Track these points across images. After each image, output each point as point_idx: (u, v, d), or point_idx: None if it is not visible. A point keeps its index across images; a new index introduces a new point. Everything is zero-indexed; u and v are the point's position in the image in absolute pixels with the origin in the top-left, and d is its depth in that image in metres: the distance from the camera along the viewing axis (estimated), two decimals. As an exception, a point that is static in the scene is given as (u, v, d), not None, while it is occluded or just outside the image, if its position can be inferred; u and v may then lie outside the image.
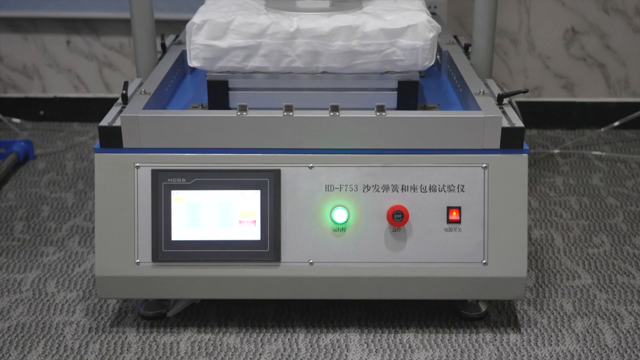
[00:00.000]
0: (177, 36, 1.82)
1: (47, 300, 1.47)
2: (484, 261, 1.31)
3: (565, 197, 1.87)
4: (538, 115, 2.28)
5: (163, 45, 1.72)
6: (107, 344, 1.34)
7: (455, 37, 1.82)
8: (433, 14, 2.03)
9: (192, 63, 1.38)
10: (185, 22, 1.45)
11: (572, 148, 2.15)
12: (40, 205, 1.84)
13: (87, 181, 1.97)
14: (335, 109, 1.29)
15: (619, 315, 1.41)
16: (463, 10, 2.18)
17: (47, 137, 2.26)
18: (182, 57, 1.66)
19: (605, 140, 2.21)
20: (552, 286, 1.50)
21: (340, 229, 1.31)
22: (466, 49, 1.70)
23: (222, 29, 1.36)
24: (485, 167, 1.30)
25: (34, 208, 1.83)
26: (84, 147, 2.18)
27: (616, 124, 2.17)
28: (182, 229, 1.31)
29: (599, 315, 1.42)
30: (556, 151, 2.13)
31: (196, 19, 1.36)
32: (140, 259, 1.31)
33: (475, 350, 1.32)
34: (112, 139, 1.30)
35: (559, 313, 1.42)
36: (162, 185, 1.30)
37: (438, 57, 1.71)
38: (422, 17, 1.37)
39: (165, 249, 1.31)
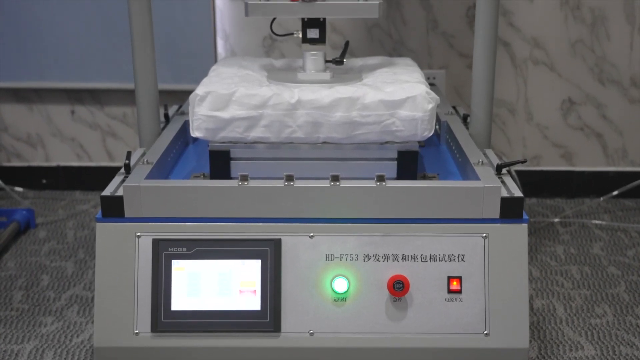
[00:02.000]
0: (180, 106, 1.85)
1: (44, 371, 1.45)
2: (486, 332, 1.30)
3: (566, 267, 1.87)
4: (537, 184, 2.29)
5: (166, 115, 1.74)
6: (104, 416, 1.31)
7: (454, 107, 1.84)
8: (432, 85, 2.06)
9: (195, 133, 1.40)
10: (189, 92, 1.47)
11: (572, 217, 2.15)
12: (39, 275, 1.83)
13: (87, 250, 1.97)
14: (335, 178, 1.30)
15: (624, 387, 1.39)
16: (461, 81, 2.22)
17: (48, 205, 2.26)
18: (185, 127, 1.69)
19: (605, 209, 2.21)
20: (555, 357, 1.49)
21: (341, 298, 1.31)
22: (465, 119, 1.72)
23: (224, 100, 1.38)
24: (485, 237, 1.30)
25: (33, 277, 1.82)
26: (85, 215, 2.19)
27: (615, 193, 2.18)
28: (182, 299, 1.30)
29: (604, 387, 1.40)
30: (556, 220, 2.13)
31: (199, 90, 1.39)
32: (140, 329, 1.30)
33: (478, 423, 1.29)
34: (114, 209, 1.30)
35: (563, 385, 1.40)
36: (163, 255, 1.30)
37: (437, 127, 1.73)
38: (420, 88, 1.39)
39: (165, 319, 1.30)
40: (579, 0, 2.13)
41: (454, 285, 1.30)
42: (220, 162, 1.42)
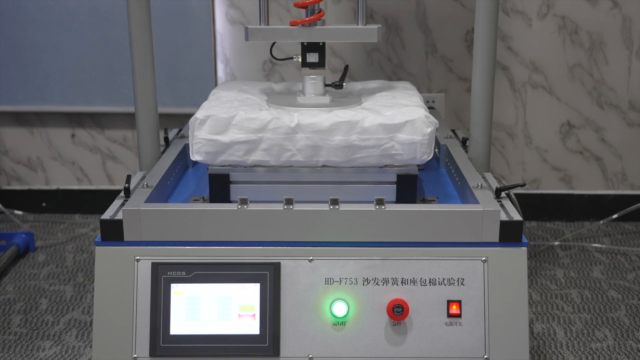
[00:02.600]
0: (180, 130, 1.85)
1: (42, 396, 1.44)
2: (486, 356, 1.29)
3: (566, 290, 1.86)
4: (537, 207, 2.29)
5: (166, 139, 1.75)
6: None
7: (453, 130, 1.85)
8: (431, 108, 2.07)
9: (195, 157, 1.40)
10: (189, 115, 1.48)
11: (572, 240, 2.15)
12: (38, 298, 1.83)
13: (86, 273, 1.96)
14: (335, 202, 1.31)
15: (625, 412, 1.38)
16: (460, 104, 2.23)
17: (48, 229, 2.26)
18: (185, 150, 1.69)
19: (605, 233, 2.21)
20: (556, 382, 1.48)
21: (340, 322, 1.30)
22: (464, 142, 1.73)
23: (224, 124, 1.38)
24: (485, 261, 1.30)
25: (32, 301, 1.81)
26: (85, 238, 2.19)
27: (615, 216, 2.18)
28: (181, 323, 1.30)
29: (605, 412, 1.39)
30: (556, 243, 2.13)
31: (199, 114, 1.40)
32: (138, 354, 1.29)
33: None
34: (113, 232, 1.30)
35: (564, 410, 1.39)
36: (162, 279, 1.30)
37: (436, 150, 1.74)
38: (419, 112, 1.40)
39: (163, 343, 1.29)
40: (577, 25, 2.15)
41: (454, 309, 1.30)
42: (219, 186, 1.42)
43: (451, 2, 2.15)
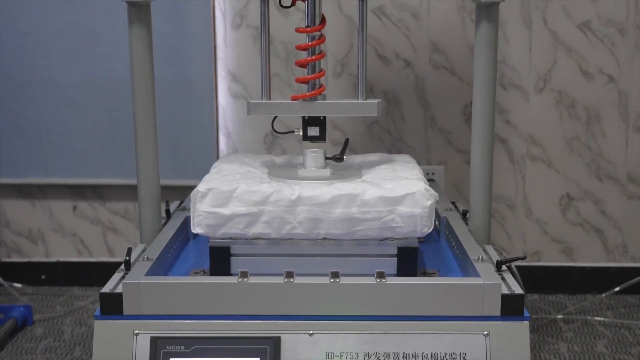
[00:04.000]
0: (182, 202, 1.86)
1: None
2: None
3: (570, 365, 1.84)
4: (539, 280, 2.28)
5: (167, 211, 1.75)
6: None
7: (453, 203, 1.86)
8: (431, 181, 2.08)
9: (196, 230, 1.41)
10: (190, 188, 1.49)
11: (575, 313, 2.13)
12: (35, 373, 1.80)
13: (84, 347, 1.94)
14: (335, 275, 1.30)
15: None
16: (460, 176, 2.24)
17: (47, 301, 2.25)
18: (186, 222, 1.69)
19: (608, 306, 2.19)
20: None
21: (341, 398, 1.28)
22: (464, 215, 1.73)
23: (225, 196, 1.39)
24: (487, 335, 1.29)
25: (28, 375, 1.79)
26: (83, 312, 2.17)
27: (617, 289, 2.17)
28: (179, 399, 1.28)
29: None
30: (559, 316, 2.11)
31: (201, 187, 1.41)
32: None
33: None
34: (112, 306, 1.30)
35: None
36: (161, 353, 1.28)
37: (437, 222, 1.74)
38: (419, 185, 1.41)
39: (161, 419, 1.27)
40: (574, 99, 2.18)
41: (456, 384, 1.28)
42: (220, 258, 1.42)
43: (449, 76, 2.19)
